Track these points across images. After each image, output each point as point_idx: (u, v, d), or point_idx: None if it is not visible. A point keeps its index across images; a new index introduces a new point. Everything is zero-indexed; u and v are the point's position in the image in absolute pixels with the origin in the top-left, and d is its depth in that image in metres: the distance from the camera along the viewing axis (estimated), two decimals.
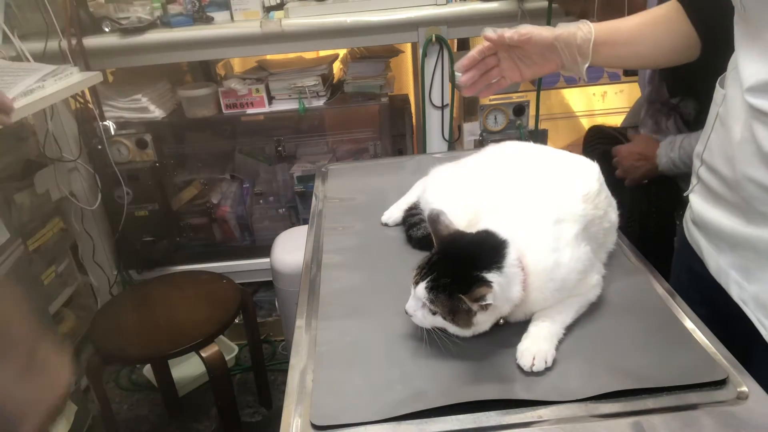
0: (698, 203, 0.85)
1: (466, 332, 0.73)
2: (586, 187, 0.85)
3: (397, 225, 1.06)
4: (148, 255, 2.15)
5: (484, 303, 0.69)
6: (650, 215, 1.29)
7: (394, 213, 1.07)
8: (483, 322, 0.72)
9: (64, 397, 0.69)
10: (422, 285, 0.72)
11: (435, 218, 0.78)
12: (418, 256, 0.92)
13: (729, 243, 0.79)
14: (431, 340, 0.74)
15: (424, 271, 0.73)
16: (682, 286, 0.87)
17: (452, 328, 0.73)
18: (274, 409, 1.97)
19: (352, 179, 1.30)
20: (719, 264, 0.81)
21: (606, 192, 0.90)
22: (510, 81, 0.92)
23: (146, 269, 2.18)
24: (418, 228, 0.98)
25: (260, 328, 2.05)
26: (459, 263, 0.72)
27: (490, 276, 0.70)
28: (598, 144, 1.45)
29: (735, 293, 0.79)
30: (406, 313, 0.75)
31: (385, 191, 1.18)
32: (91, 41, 1.83)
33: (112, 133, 1.99)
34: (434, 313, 0.72)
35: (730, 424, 0.61)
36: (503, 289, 0.70)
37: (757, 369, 0.69)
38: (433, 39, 1.81)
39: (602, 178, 0.90)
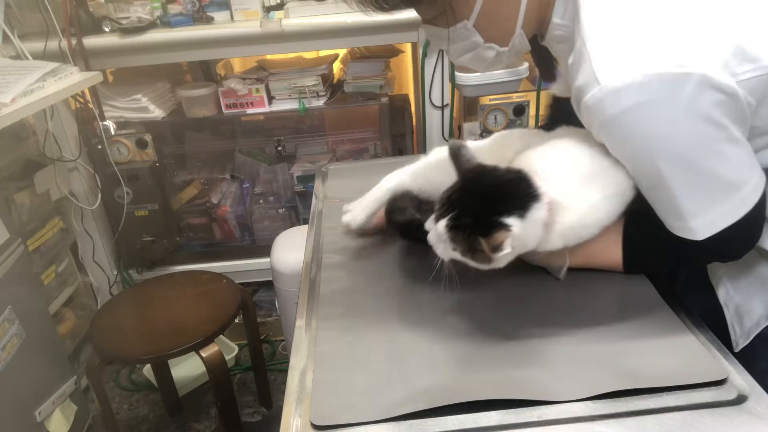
0: None
1: (483, 267, 0.73)
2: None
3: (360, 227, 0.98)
4: (148, 255, 2.15)
5: (501, 252, 0.68)
6: None
7: (359, 213, 0.97)
8: (501, 259, 0.71)
9: None
10: (443, 222, 0.71)
11: (456, 151, 0.76)
12: (419, 257, 0.93)
13: None
14: (442, 271, 0.75)
15: (445, 207, 0.72)
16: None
17: (471, 264, 0.73)
18: (274, 409, 1.97)
19: (352, 179, 1.29)
20: (716, 265, 0.84)
21: None
22: None
23: (146, 269, 2.19)
24: (403, 213, 0.94)
25: (260, 328, 2.05)
26: (482, 202, 0.71)
27: (511, 220, 0.69)
28: None
29: (721, 295, 0.83)
30: (428, 242, 0.75)
31: None
32: (91, 41, 1.83)
33: (112, 133, 1.99)
34: (454, 249, 0.72)
35: (730, 424, 0.61)
36: (522, 236, 0.70)
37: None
38: None
39: None
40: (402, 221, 0.94)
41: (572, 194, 0.75)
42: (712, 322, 0.77)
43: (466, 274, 0.76)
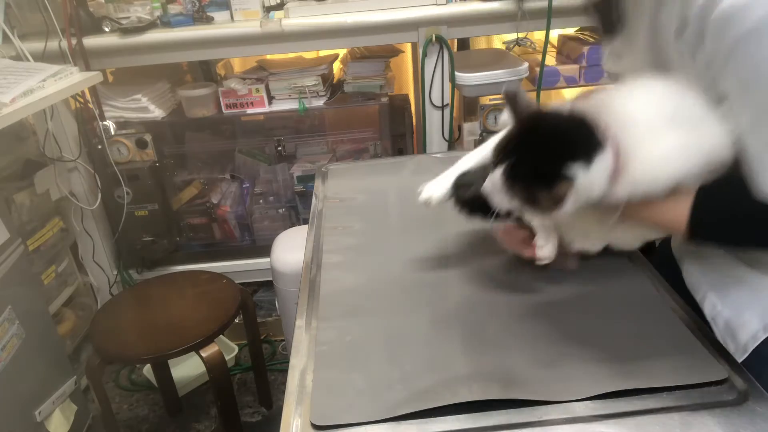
0: None
1: (543, 217, 0.69)
2: None
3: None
4: (148, 255, 2.15)
5: (563, 207, 0.63)
6: None
7: (439, 190, 0.86)
8: (563, 211, 0.65)
9: None
10: (499, 171, 0.66)
11: (513, 96, 0.68)
12: (418, 256, 0.93)
13: (709, 263, 0.79)
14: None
15: (503, 155, 0.67)
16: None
17: (530, 214, 0.69)
18: (274, 409, 1.97)
19: (352, 179, 1.30)
20: (699, 279, 0.82)
21: None
22: None
23: (146, 269, 2.19)
24: (467, 189, 0.84)
25: (260, 328, 2.05)
26: (542, 150, 0.65)
27: (574, 171, 0.62)
28: None
29: (708, 311, 0.79)
30: (484, 191, 0.69)
31: (385, 191, 1.19)
32: (91, 41, 1.83)
33: (112, 132, 1.99)
34: (511, 199, 0.67)
35: (730, 424, 0.61)
36: (585, 188, 0.63)
37: None
38: (433, 39, 1.81)
39: None
40: (468, 197, 0.84)
41: (646, 139, 0.64)
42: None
43: (464, 275, 0.76)
